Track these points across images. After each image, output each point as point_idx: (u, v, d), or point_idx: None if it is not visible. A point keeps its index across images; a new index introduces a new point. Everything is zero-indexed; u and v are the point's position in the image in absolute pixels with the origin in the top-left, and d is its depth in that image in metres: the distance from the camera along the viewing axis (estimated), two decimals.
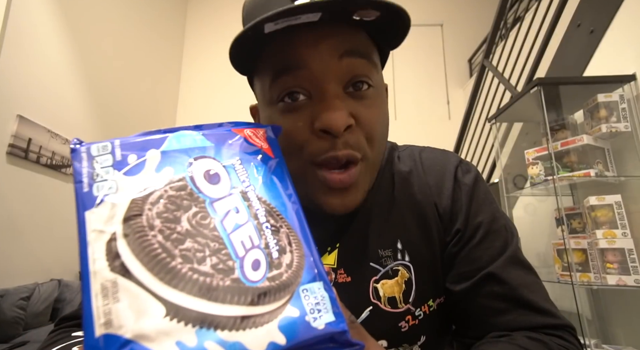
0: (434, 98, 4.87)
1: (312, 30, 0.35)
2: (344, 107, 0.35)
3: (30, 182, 2.63)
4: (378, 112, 0.39)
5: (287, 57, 0.36)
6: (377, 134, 0.38)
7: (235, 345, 0.19)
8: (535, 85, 1.60)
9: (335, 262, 0.44)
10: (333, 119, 0.34)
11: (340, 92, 0.36)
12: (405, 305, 0.43)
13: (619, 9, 1.59)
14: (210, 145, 0.26)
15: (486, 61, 2.72)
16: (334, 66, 0.35)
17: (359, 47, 0.37)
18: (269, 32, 0.33)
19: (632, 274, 1.33)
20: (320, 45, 0.35)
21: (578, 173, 1.49)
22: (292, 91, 0.36)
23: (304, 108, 0.36)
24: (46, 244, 2.76)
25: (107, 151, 0.24)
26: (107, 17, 3.62)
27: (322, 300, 0.21)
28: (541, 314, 0.41)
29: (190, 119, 5.22)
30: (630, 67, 1.53)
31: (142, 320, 0.19)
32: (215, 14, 5.60)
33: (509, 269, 0.42)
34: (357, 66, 0.36)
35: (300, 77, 0.35)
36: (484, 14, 4.54)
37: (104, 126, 3.56)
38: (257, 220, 0.23)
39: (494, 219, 0.45)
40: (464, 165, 0.48)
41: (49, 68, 2.83)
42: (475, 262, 0.43)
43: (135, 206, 0.22)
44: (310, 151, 0.36)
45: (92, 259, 0.20)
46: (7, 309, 2.11)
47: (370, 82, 0.38)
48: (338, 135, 0.35)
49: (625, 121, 1.46)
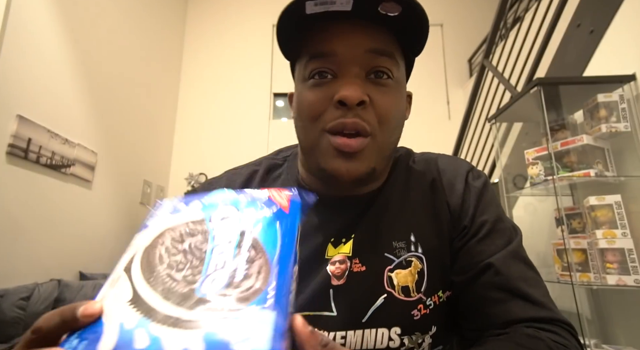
0: (434, 98, 4.87)
1: (344, 23, 0.41)
2: (362, 86, 0.41)
3: (30, 182, 2.63)
4: (393, 100, 0.43)
5: (321, 44, 0.42)
6: (388, 118, 0.42)
7: (155, 339, 0.21)
8: (535, 85, 1.60)
9: (351, 251, 0.46)
10: (349, 91, 0.40)
11: (362, 75, 0.42)
12: (418, 295, 0.45)
13: (619, 9, 1.59)
14: (237, 199, 0.31)
15: (486, 61, 2.72)
16: (359, 56, 0.41)
17: (382, 45, 0.42)
18: (310, 13, 0.39)
19: (632, 274, 1.33)
20: (349, 37, 0.41)
21: (578, 173, 1.49)
22: (321, 71, 0.42)
23: (328, 85, 0.42)
24: (46, 244, 2.76)
25: (171, 203, 0.33)
26: (107, 17, 3.62)
27: (263, 328, 0.21)
28: (538, 306, 0.42)
29: (190, 118, 5.22)
30: (630, 67, 1.53)
31: (114, 302, 0.24)
32: (215, 14, 5.60)
33: (509, 262, 0.44)
34: (379, 60, 0.42)
35: (330, 60, 0.42)
36: (484, 14, 4.54)
37: (104, 126, 3.56)
38: (239, 249, 0.26)
39: (499, 219, 0.48)
40: (475, 171, 0.52)
41: (49, 68, 2.84)
42: (477, 255, 0.45)
43: (163, 231, 0.29)
44: (325, 118, 0.42)
45: (121, 261, 0.27)
46: (7, 309, 2.11)
47: (390, 74, 0.43)
48: (351, 106, 0.40)
49: (625, 121, 1.46)
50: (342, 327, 0.43)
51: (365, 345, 0.43)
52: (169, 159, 5.07)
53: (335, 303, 0.44)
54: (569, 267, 1.45)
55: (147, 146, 4.42)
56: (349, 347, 0.43)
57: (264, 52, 5.38)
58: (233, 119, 5.17)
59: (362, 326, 0.43)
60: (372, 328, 0.43)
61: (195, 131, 5.17)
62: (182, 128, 5.21)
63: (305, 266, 0.45)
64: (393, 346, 0.43)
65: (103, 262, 3.45)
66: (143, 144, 4.33)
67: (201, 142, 5.12)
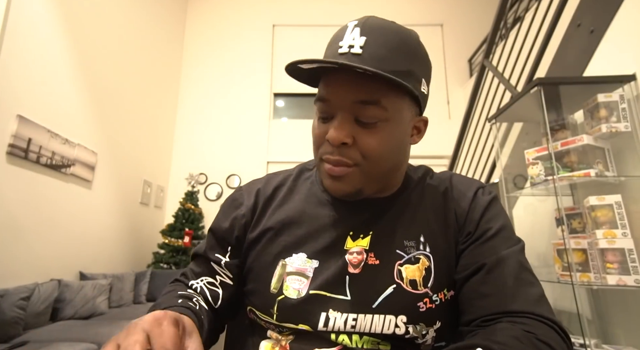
0: (434, 98, 4.86)
1: (337, 74, 0.48)
2: (348, 130, 0.48)
3: (30, 182, 2.63)
4: (381, 139, 0.49)
5: (321, 89, 0.51)
6: (373, 154, 0.49)
7: None
8: (535, 85, 1.59)
9: (368, 245, 0.53)
10: (332, 135, 0.48)
11: (351, 119, 0.49)
12: (424, 289, 0.50)
13: (619, 9, 1.59)
14: None
15: (486, 61, 2.72)
16: (347, 105, 0.48)
17: (368, 96, 0.47)
18: (307, 68, 0.47)
19: (632, 274, 1.33)
20: (339, 88, 0.48)
21: (578, 173, 1.49)
22: (323, 111, 0.51)
23: (326, 123, 0.51)
24: (46, 244, 2.76)
25: None
26: (107, 17, 3.62)
27: None
28: (522, 302, 0.45)
29: (190, 118, 5.22)
30: (630, 67, 1.53)
31: None
32: (215, 14, 5.60)
33: (504, 264, 0.48)
34: (365, 109, 0.48)
35: (326, 104, 0.50)
36: (484, 14, 4.55)
37: (104, 126, 3.56)
38: None
39: (503, 228, 0.52)
40: (486, 189, 0.58)
41: (49, 68, 2.84)
42: (477, 257, 0.50)
43: None
44: (320, 150, 0.52)
45: None
46: (7, 309, 2.11)
47: (376, 119, 0.48)
48: (334, 145, 0.49)
49: (625, 121, 1.46)
50: (354, 311, 0.49)
51: (374, 328, 0.48)
52: (169, 159, 5.06)
53: (350, 289, 0.50)
54: (569, 267, 1.45)
55: (147, 146, 4.42)
56: (360, 329, 0.48)
57: (264, 52, 5.37)
58: (233, 119, 5.17)
59: (372, 311, 0.49)
60: (381, 314, 0.48)
61: (195, 131, 5.17)
62: (182, 128, 5.20)
63: (326, 253, 0.53)
64: (399, 333, 0.48)
65: (103, 262, 3.45)
66: (143, 144, 4.33)
67: (201, 142, 5.12)
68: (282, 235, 0.55)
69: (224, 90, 5.29)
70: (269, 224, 0.56)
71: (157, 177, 4.67)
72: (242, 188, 0.63)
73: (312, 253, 0.53)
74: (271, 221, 0.56)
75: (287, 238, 0.54)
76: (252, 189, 0.61)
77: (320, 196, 0.58)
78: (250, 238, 0.56)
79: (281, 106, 5.41)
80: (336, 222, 0.55)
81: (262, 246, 0.55)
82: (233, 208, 0.59)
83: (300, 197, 0.59)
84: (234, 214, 0.58)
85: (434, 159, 4.32)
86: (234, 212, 0.59)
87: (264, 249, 0.55)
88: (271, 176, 0.64)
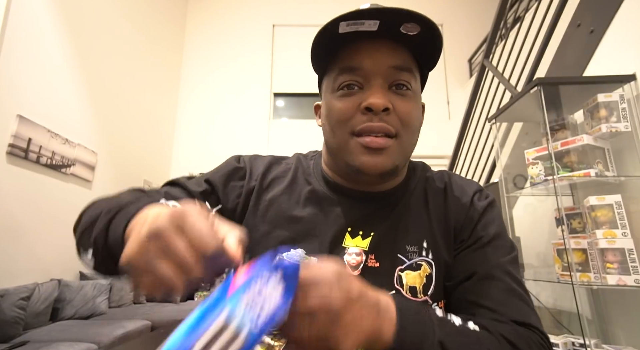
0: (434, 98, 4.87)
1: (370, 42, 0.47)
2: (386, 95, 0.47)
3: (30, 182, 2.63)
4: (413, 107, 0.49)
5: (350, 59, 0.48)
6: (410, 122, 0.49)
7: None
8: (535, 85, 1.59)
9: (368, 246, 0.51)
10: (375, 99, 0.46)
11: (385, 87, 0.48)
12: (424, 297, 0.49)
13: (619, 9, 1.59)
14: None
15: (486, 61, 2.72)
16: (383, 70, 0.47)
17: (402, 62, 0.48)
18: (342, 32, 0.46)
19: (632, 273, 1.33)
20: (374, 54, 0.47)
21: (578, 173, 1.49)
22: (350, 83, 0.49)
23: (355, 95, 0.48)
24: (46, 244, 2.76)
25: None
26: (107, 17, 3.62)
27: None
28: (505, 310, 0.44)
29: (190, 118, 5.22)
30: (630, 67, 1.53)
31: None
32: (215, 15, 5.60)
33: (493, 273, 0.47)
34: (400, 74, 0.48)
35: (357, 74, 0.48)
36: (484, 14, 4.54)
37: (104, 126, 3.56)
38: None
39: (497, 235, 0.51)
40: (483, 192, 0.57)
41: (49, 68, 2.84)
42: (468, 264, 0.50)
43: None
44: (352, 123, 0.48)
45: None
46: (7, 309, 2.11)
47: (409, 86, 0.49)
48: (377, 112, 0.46)
49: (625, 121, 1.46)
50: None
51: None
52: (169, 159, 5.06)
53: None
54: (569, 267, 1.45)
55: (147, 146, 4.42)
56: None
57: (264, 52, 5.37)
58: (233, 119, 5.17)
59: None
60: None
61: (195, 131, 5.17)
62: (182, 128, 5.20)
63: (325, 249, 0.51)
64: None
65: None
66: (143, 144, 4.33)
67: (201, 142, 5.12)
68: (278, 230, 0.52)
69: (224, 91, 5.29)
70: (266, 216, 0.53)
71: (157, 177, 4.67)
72: (245, 162, 0.59)
73: (310, 250, 0.50)
74: (268, 214, 0.53)
75: (284, 233, 0.52)
76: (255, 167, 0.58)
77: (319, 190, 0.55)
78: (245, 224, 0.54)
79: (281, 106, 5.41)
80: (337, 216, 0.53)
81: (256, 240, 0.52)
82: (237, 179, 0.57)
83: (299, 190, 0.56)
84: (235, 184, 0.56)
85: (433, 159, 4.30)
86: (236, 183, 0.56)
87: (258, 243, 0.52)
88: (273, 162, 0.61)
